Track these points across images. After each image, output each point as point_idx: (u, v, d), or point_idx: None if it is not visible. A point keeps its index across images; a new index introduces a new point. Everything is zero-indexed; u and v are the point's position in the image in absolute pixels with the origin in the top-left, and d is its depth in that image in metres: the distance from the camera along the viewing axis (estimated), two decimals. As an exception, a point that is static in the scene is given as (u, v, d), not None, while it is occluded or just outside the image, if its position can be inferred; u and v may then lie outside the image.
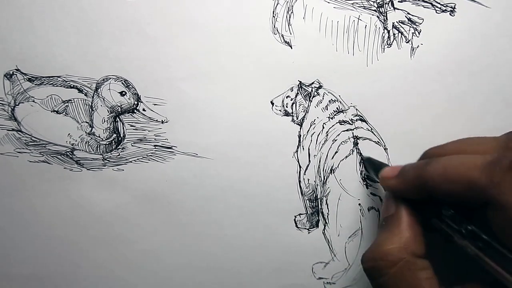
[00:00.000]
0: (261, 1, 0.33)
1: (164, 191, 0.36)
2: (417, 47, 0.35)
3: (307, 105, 0.35)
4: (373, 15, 0.34)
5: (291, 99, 0.35)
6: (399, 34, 0.34)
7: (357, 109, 0.35)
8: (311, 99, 0.35)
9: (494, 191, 0.23)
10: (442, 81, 0.35)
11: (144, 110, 0.34)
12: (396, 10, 0.34)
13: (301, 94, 0.35)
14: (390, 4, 0.34)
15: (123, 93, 0.34)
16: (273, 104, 0.35)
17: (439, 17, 0.34)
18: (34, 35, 0.33)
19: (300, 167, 0.36)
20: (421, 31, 0.34)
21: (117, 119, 0.35)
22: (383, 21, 0.34)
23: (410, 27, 0.34)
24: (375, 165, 0.34)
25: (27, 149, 0.34)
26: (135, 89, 0.34)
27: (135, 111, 0.34)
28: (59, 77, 0.34)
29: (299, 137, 0.35)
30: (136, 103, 0.34)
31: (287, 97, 0.35)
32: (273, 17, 0.34)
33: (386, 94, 0.35)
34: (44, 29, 0.33)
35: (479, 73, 0.35)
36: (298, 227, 0.36)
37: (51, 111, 0.34)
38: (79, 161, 0.35)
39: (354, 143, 0.36)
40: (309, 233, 0.37)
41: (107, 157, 0.35)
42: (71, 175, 0.35)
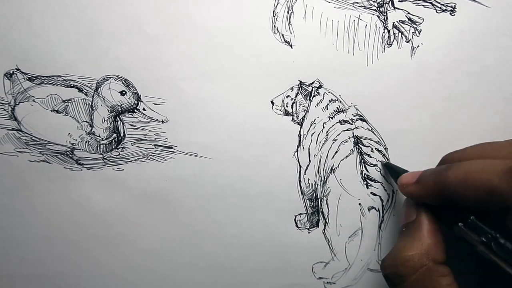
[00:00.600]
0: (261, 0, 0.33)
1: (164, 191, 0.36)
2: (417, 47, 0.35)
3: (307, 105, 0.35)
4: (373, 14, 0.34)
5: (291, 99, 0.35)
6: (399, 33, 0.34)
7: (357, 109, 0.35)
8: (311, 98, 0.35)
9: None
10: (442, 80, 0.35)
11: (144, 109, 0.34)
12: (396, 9, 0.34)
13: (301, 93, 0.35)
14: (390, 3, 0.34)
15: (123, 92, 0.34)
16: (273, 103, 0.35)
17: (439, 17, 0.34)
18: (34, 34, 0.33)
19: (300, 166, 0.36)
20: (421, 31, 0.34)
21: (117, 119, 0.35)
22: (383, 20, 0.34)
23: (410, 27, 0.34)
24: (394, 170, 0.34)
25: (27, 148, 0.34)
26: (135, 88, 0.34)
27: (135, 110, 0.34)
28: (59, 76, 0.34)
29: (299, 136, 0.35)
30: (136, 102, 0.34)
31: (287, 97, 0.35)
32: (274, 16, 0.34)
33: (386, 93, 0.35)
34: (44, 29, 0.33)
35: (479, 73, 0.35)
36: (298, 227, 0.36)
37: (51, 111, 0.34)
38: (79, 160, 0.35)
39: (354, 143, 0.36)
40: (309, 232, 0.37)
41: (107, 156, 0.35)
42: (71, 175, 0.35)
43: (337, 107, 0.35)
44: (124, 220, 0.36)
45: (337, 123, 0.35)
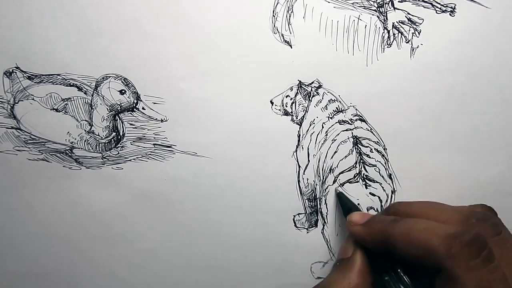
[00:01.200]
0: (261, 0, 0.33)
1: (163, 190, 0.36)
2: (417, 47, 0.35)
3: (306, 105, 0.35)
4: (373, 15, 0.34)
5: (291, 99, 0.35)
6: (399, 34, 0.34)
7: (356, 109, 0.35)
8: (310, 98, 0.35)
9: (449, 262, 0.24)
10: (442, 81, 0.35)
11: (143, 108, 0.34)
12: (396, 10, 0.34)
13: (301, 93, 0.35)
14: (390, 4, 0.34)
15: (123, 91, 0.34)
16: (272, 103, 0.35)
17: (439, 17, 0.34)
18: (33, 33, 0.33)
19: (299, 166, 0.36)
20: (421, 31, 0.34)
21: (117, 118, 0.35)
22: (383, 21, 0.34)
23: (410, 27, 0.34)
24: (345, 204, 0.35)
25: (26, 147, 0.34)
26: (134, 87, 0.34)
27: (135, 109, 0.34)
28: (59, 75, 0.34)
29: (299, 136, 0.35)
30: (135, 101, 0.34)
31: (286, 97, 0.35)
32: (273, 16, 0.34)
33: (386, 94, 0.35)
34: (43, 27, 0.33)
35: (479, 73, 0.35)
36: (297, 227, 0.36)
37: (51, 109, 0.34)
38: (78, 159, 0.35)
39: (353, 143, 0.36)
40: (308, 232, 0.37)
41: (106, 155, 0.35)
42: (70, 174, 0.35)
43: (337, 107, 0.35)
44: (123, 219, 0.36)
45: (336, 123, 0.35)
